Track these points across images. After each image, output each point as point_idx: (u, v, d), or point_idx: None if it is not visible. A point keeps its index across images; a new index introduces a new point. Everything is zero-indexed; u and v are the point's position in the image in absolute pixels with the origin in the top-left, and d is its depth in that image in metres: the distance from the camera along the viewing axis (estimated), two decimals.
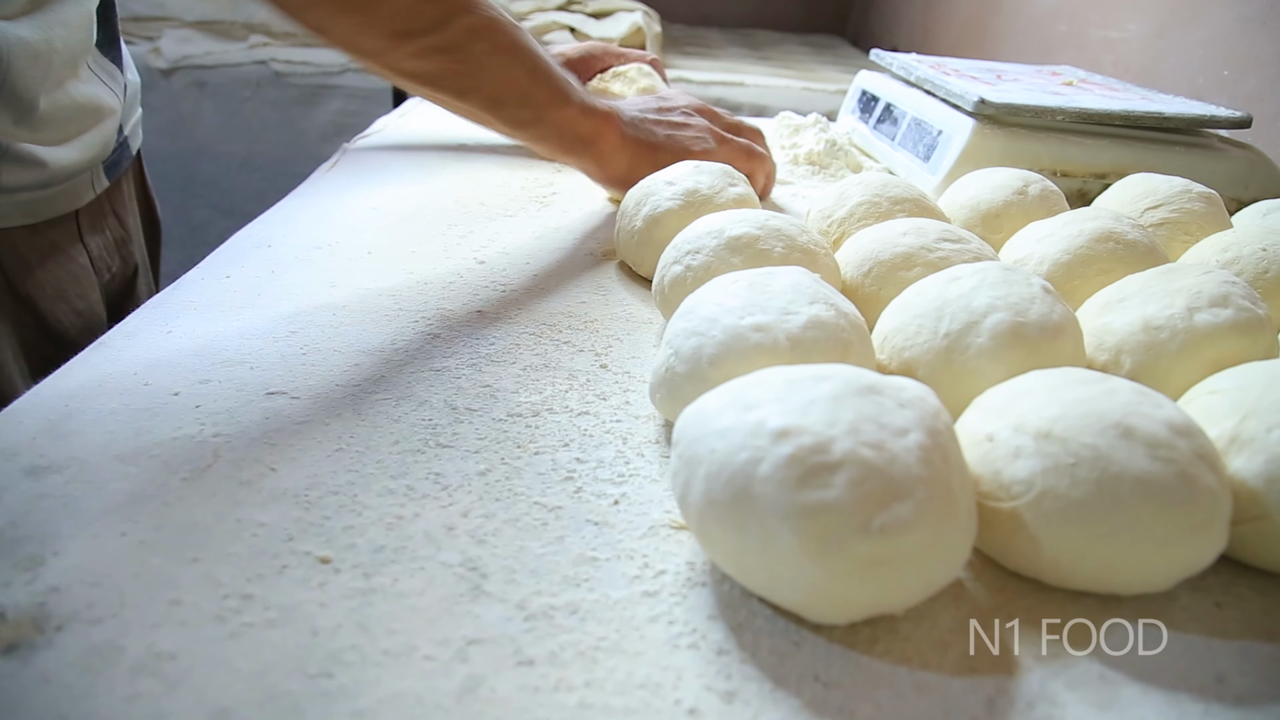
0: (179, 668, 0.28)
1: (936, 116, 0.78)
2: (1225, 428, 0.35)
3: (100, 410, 0.41)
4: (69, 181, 0.65)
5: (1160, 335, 0.42)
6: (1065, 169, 0.73)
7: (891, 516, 0.27)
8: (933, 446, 0.29)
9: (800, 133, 0.91)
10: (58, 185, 0.64)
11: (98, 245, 0.71)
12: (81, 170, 0.66)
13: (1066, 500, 0.31)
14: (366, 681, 0.28)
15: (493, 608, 0.31)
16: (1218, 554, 0.32)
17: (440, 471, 0.38)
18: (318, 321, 0.51)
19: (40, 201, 0.63)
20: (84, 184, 0.68)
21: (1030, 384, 0.35)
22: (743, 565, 0.30)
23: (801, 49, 2.04)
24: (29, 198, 0.62)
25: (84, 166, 0.67)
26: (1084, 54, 1.10)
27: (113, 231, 0.74)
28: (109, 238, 0.73)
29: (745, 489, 0.28)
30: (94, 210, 0.71)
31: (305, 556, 0.33)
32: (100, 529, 0.34)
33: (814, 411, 0.29)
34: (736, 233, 0.49)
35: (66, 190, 0.66)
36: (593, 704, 0.27)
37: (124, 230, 0.76)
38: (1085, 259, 0.51)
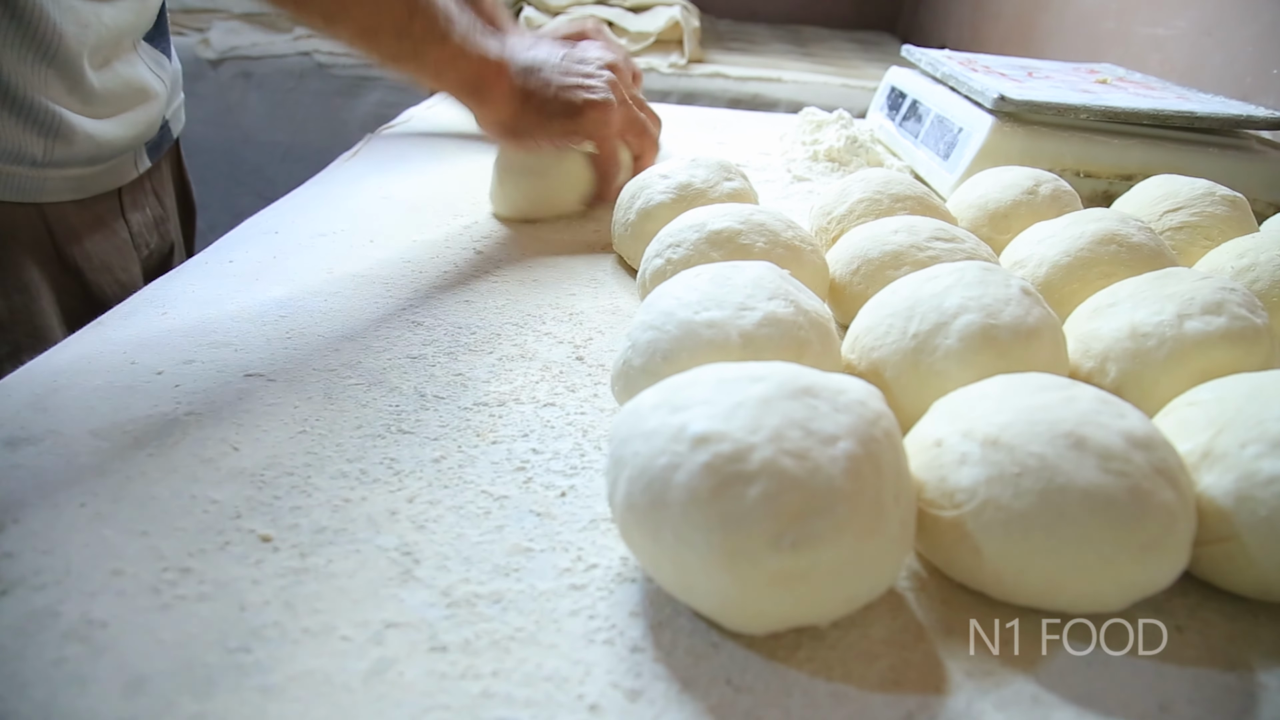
0: (108, 635, 0.29)
1: (958, 113, 0.76)
2: (1199, 442, 0.33)
3: (85, 387, 0.42)
4: (114, 159, 0.70)
5: (1147, 343, 0.40)
6: (1089, 169, 0.70)
7: (805, 531, 0.26)
8: (863, 456, 0.28)
9: (822, 129, 0.89)
10: (104, 162, 0.68)
11: (138, 222, 0.75)
12: (126, 149, 0.70)
13: (1009, 511, 0.30)
14: (281, 658, 0.28)
15: (418, 593, 0.31)
16: (1175, 575, 0.30)
17: (396, 457, 0.39)
18: (308, 307, 0.52)
19: (88, 178, 0.67)
20: (128, 162, 0.72)
21: (989, 389, 0.34)
22: (659, 570, 0.29)
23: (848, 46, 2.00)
24: (78, 173, 0.66)
25: (129, 145, 0.71)
26: (1130, 52, 1.05)
27: (152, 210, 0.78)
28: (148, 215, 0.77)
29: (661, 496, 0.28)
30: (135, 189, 0.75)
31: (249, 534, 0.33)
32: (62, 499, 0.35)
33: (739, 416, 0.28)
34: (718, 226, 0.48)
35: (112, 168, 0.70)
36: (495, 693, 0.27)
37: (162, 209, 0.80)
38: (1085, 261, 0.49)
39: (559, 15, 1.64)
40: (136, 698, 0.26)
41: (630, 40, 1.66)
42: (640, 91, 0.84)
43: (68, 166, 0.65)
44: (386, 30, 0.54)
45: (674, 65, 1.62)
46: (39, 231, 0.65)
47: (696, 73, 1.61)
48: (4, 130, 0.59)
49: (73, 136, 0.63)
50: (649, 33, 1.64)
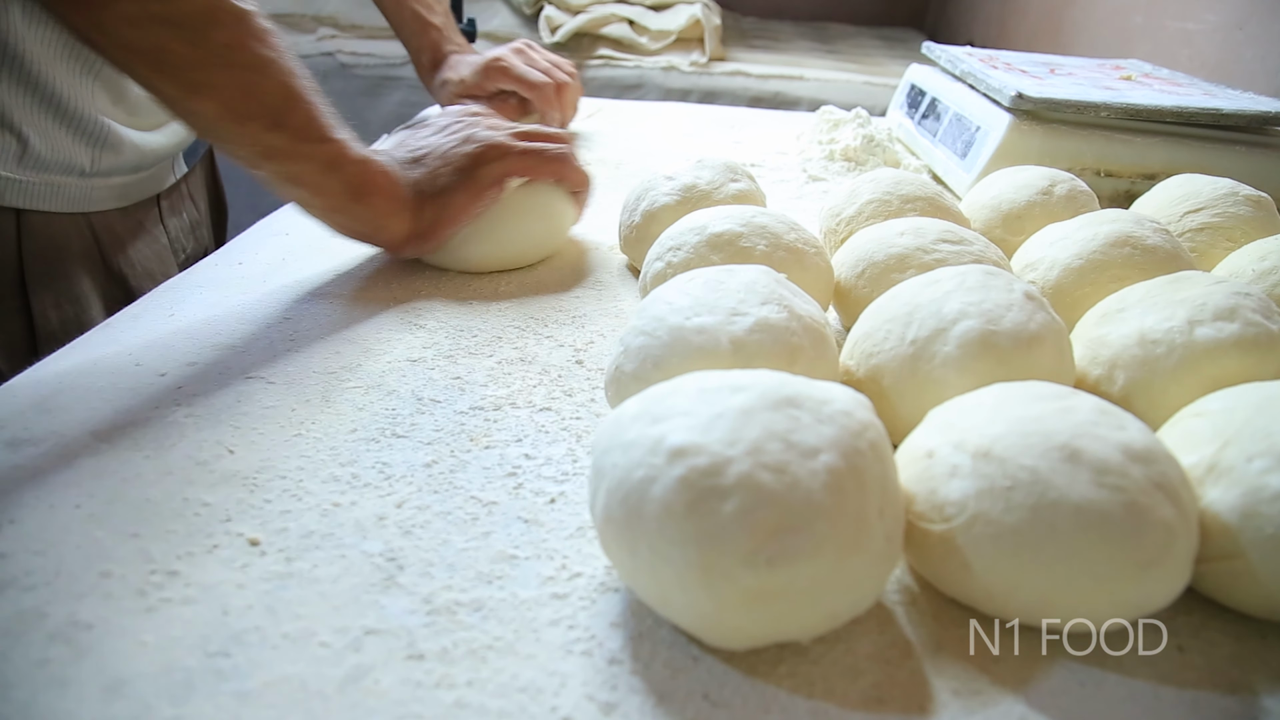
0: (92, 637, 0.29)
1: (976, 112, 0.74)
2: (1204, 454, 0.32)
3: (89, 388, 0.43)
4: (155, 167, 0.72)
5: (1156, 350, 0.39)
6: (1110, 168, 0.68)
7: (782, 547, 0.26)
8: (845, 469, 0.27)
9: (839, 128, 0.88)
10: (145, 170, 0.70)
11: (175, 227, 0.77)
12: (167, 155, 0.73)
13: (999, 526, 0.29)
14: (259, 663, 0.28)
15: (400, 600, 0.31)
16: (1174, 594, 0.29)
17: (388, 461, 0.39)
18: (313, 309, 0.53)
19: (132, 185, 0.69)
20: (166, 169, 0.74)
21: (983, 398, 0.33)
22: (637, 583, 0.29)
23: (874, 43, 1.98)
24: (122, 181, 0.68)
25: (170, 152, 0.73)
26: (1159, 47, 1.03)
27: (188, 214, 0.80)
28: (185, 220, 0.79)
29: (638, 509, 0.27)
30: (173, 194, 0.77)
31: (237, 538, 0.34)
32: (58, 500, 0.35)
33: (718, 428, 0.28)
34: (718, 229, 0.48)
35: (153, 175, 0.72)
36: (469, 703, 0.27)
37: (197, 213, 0.82)
38: (1098, 264, 0.47)
39: (580, 13, 1.64)
40: (115, 701, 0.27)
41: (651, 39, 1.65)
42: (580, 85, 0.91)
43: (113, 175, 0.67)
44: (259, 116, 0.45)
45: (695, 64, 1.61)
46: (88, 241, 0.67)
47: (717, 71, 1.60)
48: (55, 142, 0.62)
49: (119, 146, 0.65)
50: (670, 31, 1.63)
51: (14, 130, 0.59)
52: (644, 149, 0.91)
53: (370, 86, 1.61)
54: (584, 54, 1.65)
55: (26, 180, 0.61)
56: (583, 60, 1.63)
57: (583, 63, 1.63)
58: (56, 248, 0.64)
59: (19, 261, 0.61)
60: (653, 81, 1.59)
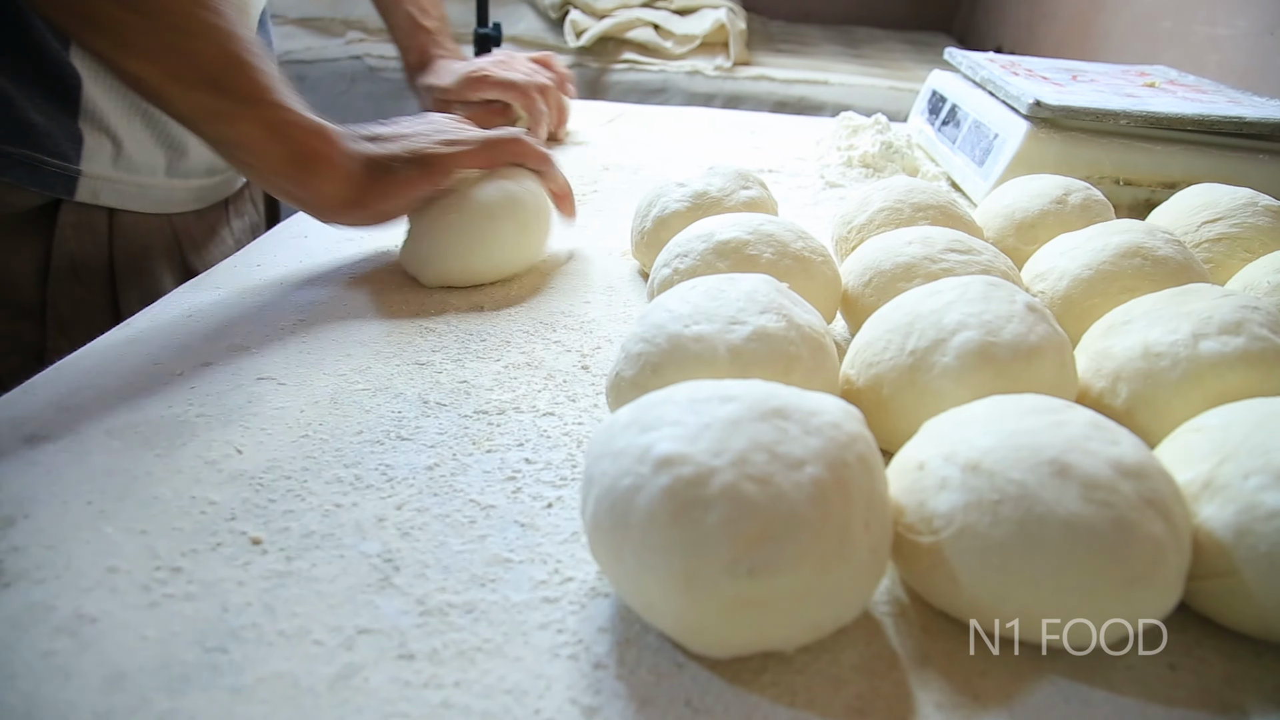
0: (96, 630, 0.30)
1: (994, 119, 0.74)
2: (1200, 470, 0.32)
3: (106, 387, 0.44)
4: (228, 172, 0.75)
5: (1160, 363, 0.38)
6: (1129, 177, 0.67)
7: (763, 558, 0.26)
8: (830, 481, 0.28)
9: (858, 134, 0.88)
10: (218, 175, 0.74)
11: (239, 229, 0.81)
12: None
13: (986, 539, 0.29)
14: (254, 659, 0.29)
15: (394, 600, 0.32)
16: (1165, 611, 0.29)
17: (391, 463, 0.39)
18: (326, 311, 0.54)
19: (206, 189, 0.73)
20: (235, 175, 0.77)
21: (977, 411, 0.33)
22: (624, 590, 0.29)
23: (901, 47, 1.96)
24: (199, 184, 0.71)
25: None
26: (1188, 53, 1.01)
27: (249, 217, 0.83)
28: (246, 222, 0.83)
29: (624, 517, 0.28)
30: (239, 197, 0.80)
31: (240, 536, 0.35)
32: (71, 497, 0.36)
33: (705, 438, 0.28)
34: (725, 237, 0.48)
35: (225, 180, 0.75)
36: (454, 704, 0.27)
37: (257, 215, 0.86)
38: (1107, 275, 0.47)
39: (605, 17, 1.64)
40: (114, 693, 0.27)
41: (676, 43, 1.65)
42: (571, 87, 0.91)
43: (190, 178, 0.70)
44: (196, 78, 0.45)
45: (719, 68, 1.61)
46: (169, 241, 0.70)
47: (742, 75, 1.60)
48: (142, 144, 0.64)
49: (188, 149, 0.68)
50: (695, 35, 1.63)
51: (110, 133, 0.62)
52: (662, 154, 0.92)
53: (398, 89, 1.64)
54: (609, 58, 1.66)
55: (120, 180, 0.64)
56: (607, 64, 1.64)
57: (607, 67, 1.63)
58: (142, 246, 0.67)
59: (110, 258, 0.65)
60: (677, 86, 1.59)
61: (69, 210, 0.62)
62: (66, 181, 0.60)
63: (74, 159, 0.61)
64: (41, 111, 0.58)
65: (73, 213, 0.62)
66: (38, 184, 0.59)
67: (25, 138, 0.58)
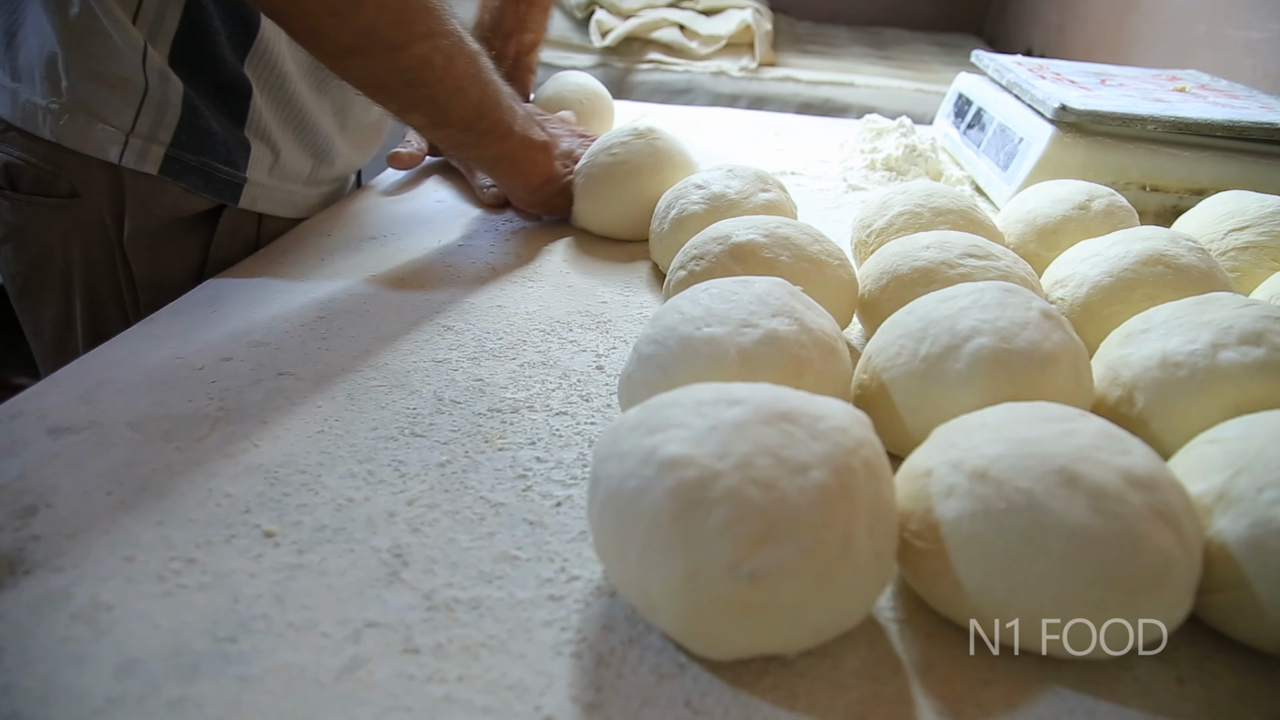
0: (112, 618, 0.31)
1: (1020, 123, 0.73)
2: (1214, 482, 0.31)
3: (130, 380, 0.45)
4: (346, 178, 0.79)
5: (1178, 373, 0.38)
6: (1156, 183, 0.66)
7: (764, 561, 0.26)
8: (834, 486, 0.27)
9: (882, 136, 0.87)
10: (340, 180, 0.77)
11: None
12: (357, 167, 0.80)
13: (991, 548, 0.29)
14: (263, 650, 0.29)
15: (401, 594, 0.32)
16: (1173, 624, 0.29)
17: (404, 459, 0.40)
18: (346, 308, 0.54)
19: (329, 194, 0.76)
20: (348, 180, 0.81)
21: (987, 418, 0.32)
22: (627, 590, 0.29)
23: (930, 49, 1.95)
24: (328, 190, 0.75)
25: (362, 164, 0.80)
26: (1221, 57, 0.99)
27: None
28: None
29: (628, 518, 0.28)
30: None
31: (254, 529, 0.35)
32: (92, 487, 0.37)
33: (710, 441, 0.28)
34: (741, 239, 0.48)
35: (342, 185, 0.79)
36: (457, 699, 0.28)
37: None
38: (1128, 283, 0.46)
39: (630, 17, 1.65)
40: (126, 679, 0.28)
41: (701, 44, 1.65)
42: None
43: (322, 184, 0.73)
44: (454, 124, 0.58)
45: (744, 69, 1.60)
46: None
47: (767, 76, 1.59)
48: (293, 153, 0.68)
49: (334, 158, 0.72)
50: (720, 36, 1.63)
51: (270, 142, 0.65)
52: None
53: None
54: (634, 59, 1.66)
55: (274, 188, 0.67)
56: (632, 65, 1.64)
57: (632, 67, 1.64)
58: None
59: None
60: (702, 87, 1.59)
61: (229, 215, 0.65)
62: (234, 189, 0.64)
63: (242, 166, 0.64)
64: (218, 121, 0.62)
65: (231, 218, 0.65)
66: (211, 191, 0.63)
67: (204, 146, 0.61)
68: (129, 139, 0.59)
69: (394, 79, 0.53)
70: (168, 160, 0.60)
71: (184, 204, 0.62)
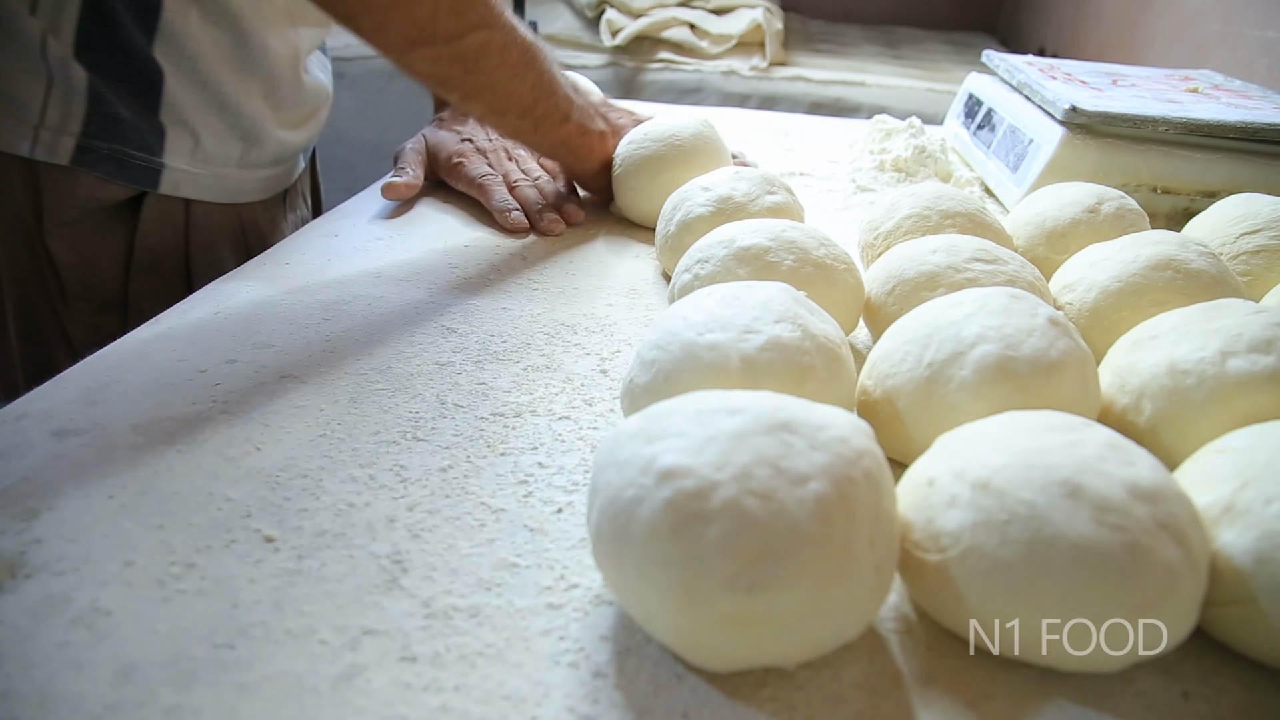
0: (110, 623, 0.31)
1: (1030, 124, 0.72)
2: (1221, 494, 0.31)
3: (134, 382, 0.45)
4: (289, 161, 0.77)
5: (1186, 381, 0.37)
6: (1168, 185, 0.66)
7: (763, 574, 0.26)
8: (834, 498, 0.27)
9: (891, 137, 0.87)
10: (282, 164, 0.76)
11: (292, 222, 0.83)
12: (298, 150, 0.78)
13: (993, 560, 0.28)
14: (261, 657, 0.29)
15: (400, 602, 0.32)
16: (1179, 638, 0.28)
17: (406, 464, 0.40)
18: (351, 311, 0.54)
19: (271, 179, 0.75)
20: (294, 165, 0.79)
21: (991, 427, 0.32)
22: (625, 600, 0.29)
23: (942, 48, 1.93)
24: (265, 174, 0.73)
25: (302, 147, 0.78)
26: (1237, 56, 0.98)
27: (300, 211, 0.85)
28: (298, 215, 0.85)
29: (626, 528, 0.28)
30: (293, 190, 0.82)
31: (254, 534, 0.35)
32: (94, 490, 0.37)
33: (709, 451, 0.28)
34: (746, 243, 0.48)
35: (287, 170, 0.77)
36: (453, 708, 0.28)
37: (306, 209, 0.87)
38: (1137, 288, 0.46)
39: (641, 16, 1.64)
40: (124, 686, 0.28)
41: (712, 43, 1.65)
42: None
43: (258, 168, 0.72)
44: (512, 111, 0.62)
45: (755, 68, 1.60)
46: (237, 232, 0.72)
47: (777, 76, 1.58)
48: (218, 136, 0.67)
49: (265, 140, 0.70)
50: (731, 35, 1.62)
51: (189, 127, 0.64)
52: None
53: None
54: (644, 58, 1.65)
55: (198, 172, 0.66)
56: (642, 64, 1.64)
57: (642, 66, 1.63)
58: (214, 238, 0.70)
59: (185, 250, 0.68)
60: (712, 86, 1.59)
61: (152, 203, 0.65)
62: (151, 174, 0.64)
63: (158, 152, 0.64)
64: (128, 107, 0.61)
65: (155, 205, 0.65)
66: (126, 178, 0.62)
67: (114, 133, 0.61)
68: (39, 132, 0.59)
69: (455, 68, 0.56)
70: (80, 150, 0.60)
71: (101, 193, 0.62)
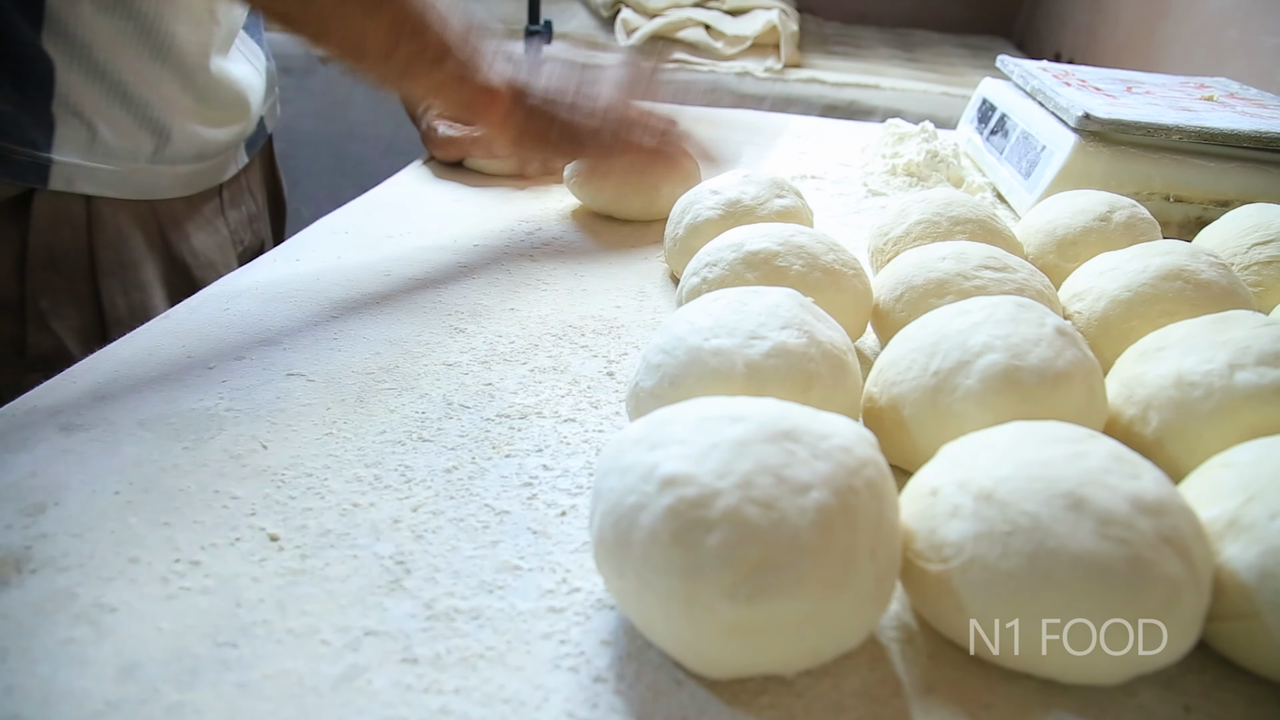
0: (114, 620, 0.31)
1: (1043, 130, 0.72)
2: (1226, 508, 0.31)
3: (141, 377, 0.46)
4: (218, 157, 0.75)
5: (1193, 393, 0.37)
6: (1180, 194, 0.65)
7: (763, 583, 0.26)
8: (835, 508, 0.27)
9: (904, 142, 0.87)
10: (208, 159, 0.73)
11: (235, 219, 0.80)
12: (227, 147, 0.75)
13: (995, 571, 0.28)
14: (262, 656, 0.30)
15: (402, 603, 0.32)
16: (1180, 653, 0.28)
17: (411, 464, 0.40)
18: (359, 309, 0.55)
19: (195, 175, 0.72)
20: (229, 159, 0.77)
21: (995, 437, 0.32)
22: (625, 606, 0.29)
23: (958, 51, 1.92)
24: (187, 170, 0.71)
25: (231, 142, 0.76)
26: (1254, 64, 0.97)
27: (247, 207, 0.83)
28: (243, 213, 0.82)
29: (627, 535, 0.28)
30: (234, 186, 0.80)
31: (259, 532, 0.35)
32: (100, 486, 0.37)
33: (711, 459, 0.28)
34: (755, 247, 0.48)
35: (217, 164, 0.75)
36: (453, 711, 0.28)
37: (255, 206, 0.85)
38: (1147, 298, 0.45)
39: (656, 17, 1.64)
40: (126, 683, 0.28)
41: (727, 44, 1.64)
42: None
43: (177, 163, 0.69)
44: (371, 54, 0.56)
45: (769, 70, 1.59)
46: (152, 229, 0.70)
47: (792, 78, 1.58)
48: (122, 129, 0.64)
49: (180, 136, 0.68)
50: (746, 36, 1.62)
51: (83, 119, 0.62)
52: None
53: None
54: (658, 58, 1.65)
55: (95, 167, 0.63)
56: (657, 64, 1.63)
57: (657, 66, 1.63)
58: (123, 236, 0.67)
59: (89, 248, 0.65)
60: (726, 87, 1.58)
61: (43, 199, 0.61)
62: (38, 170, 0.60)
63: (44, 146, 0.60)
64: (9, 99, 0.59)
65: (47, 202, 0.62)
66: (8, 173, 0.59)
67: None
68: None
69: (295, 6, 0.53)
70: None
71: None
